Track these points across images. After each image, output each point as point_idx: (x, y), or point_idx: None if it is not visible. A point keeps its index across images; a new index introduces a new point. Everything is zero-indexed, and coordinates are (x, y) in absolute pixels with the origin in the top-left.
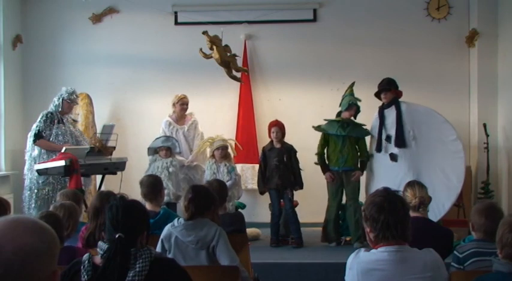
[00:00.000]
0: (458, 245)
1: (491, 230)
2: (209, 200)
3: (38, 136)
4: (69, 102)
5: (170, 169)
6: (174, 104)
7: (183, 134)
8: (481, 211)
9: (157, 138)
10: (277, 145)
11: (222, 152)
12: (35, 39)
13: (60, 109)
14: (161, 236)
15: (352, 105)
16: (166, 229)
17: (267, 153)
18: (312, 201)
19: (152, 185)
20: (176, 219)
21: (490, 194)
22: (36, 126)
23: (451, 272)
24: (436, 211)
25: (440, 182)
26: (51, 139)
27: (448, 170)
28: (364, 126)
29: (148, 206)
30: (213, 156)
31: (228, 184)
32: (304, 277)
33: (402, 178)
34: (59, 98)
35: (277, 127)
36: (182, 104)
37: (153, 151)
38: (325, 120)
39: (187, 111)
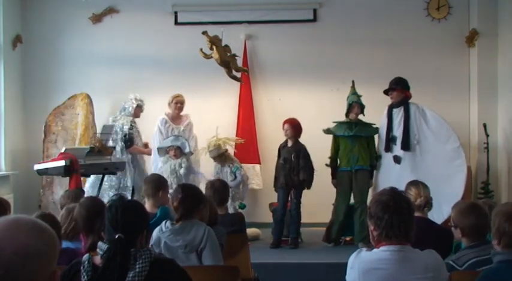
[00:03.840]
0: (454, 256)
1: (482, 229)
2: (198, 200)
3: (132, 142)
4: (140, 107)
5: (181, 171)
6: (169, 104)
7: (179, 134)
8: (467, 211)
9: (167, 137)
10: (290, 144)
11: (217, 159)
12: (35, 39)
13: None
14: (151, 242)
15: (353, 104)
16: (155, 234)
17: (281, 151)
18: (312, 201)
19: (153, 181)
20: (163, 223)
21: (490, 194)
22: (129, 134)
23: (451, 273)
24: (436, 219)
25: (441, 189)
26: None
27: (449, 179)
28: (373, 125)
29: (146, 204)
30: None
31: (231, 184)
32: (304, 277)
33: (403, 181)
34: (132, 104)
35: (288, 124)
36: (177, 103)
37: (164, 151)
38: (334, 122)
39: (184, 112)
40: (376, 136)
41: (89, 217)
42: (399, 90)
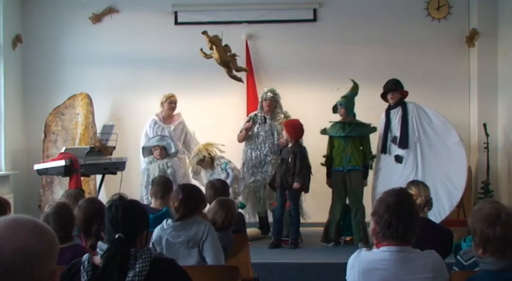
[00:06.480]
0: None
1: None
2: (199, 199)
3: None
4: (264, 101)
5: (168, 171)
6: (162, 103)
7: (169, 134)
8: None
9: (152, 137)
10: (290, 144)
11: (201, 165)
12: (35, 39)
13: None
14: (152, 240)
15: (338, 106)
16: (156, 232)
17: (281, 151)
18: (312, 201)
19: (162, 184)
20: (165, 221)
21: (490, 194)
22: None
23: (451, 272)
24: (437, 214)
25: (443, 185)
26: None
27: (450, 175)
28: (370, 125)
29: (154, 203)
30: None
31: (228, 181)
32: (304, 277)
33: (405, 180)
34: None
35: (284, 130)
36: (170, 103)
37: (148, 151)
38: (330, 122)
39: (176, 112)
40: (374, 137)
41: (86, 219)
42: (399, 91)
